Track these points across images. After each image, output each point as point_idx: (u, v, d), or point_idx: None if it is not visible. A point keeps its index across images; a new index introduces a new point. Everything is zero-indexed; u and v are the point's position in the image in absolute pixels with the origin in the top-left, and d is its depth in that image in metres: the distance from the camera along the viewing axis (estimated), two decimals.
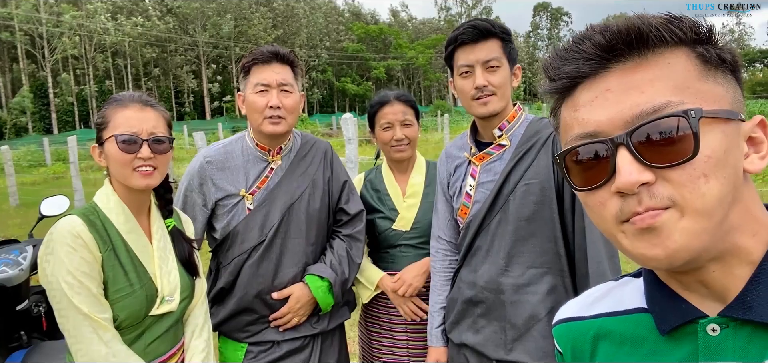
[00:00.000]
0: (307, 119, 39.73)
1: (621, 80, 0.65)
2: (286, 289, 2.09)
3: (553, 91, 0.73)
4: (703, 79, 0.64)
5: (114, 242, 1.61)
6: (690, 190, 0.61)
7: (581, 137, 0.68)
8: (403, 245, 2.29)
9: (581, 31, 0.70)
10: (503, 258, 1.79)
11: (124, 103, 1.66)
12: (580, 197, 0.72)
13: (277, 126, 2.03)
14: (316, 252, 2.19)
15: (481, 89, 1.77)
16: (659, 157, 0.62)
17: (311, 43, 65.20)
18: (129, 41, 50.83)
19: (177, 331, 1.77)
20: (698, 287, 0.68)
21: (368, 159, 11.82)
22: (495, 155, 1.87)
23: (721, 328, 0.66)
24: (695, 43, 0.65)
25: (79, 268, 1.50)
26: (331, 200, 2.24)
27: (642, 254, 0.65)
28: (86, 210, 1.62)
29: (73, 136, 13.06)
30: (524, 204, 1.76)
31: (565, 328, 0.86)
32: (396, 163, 2.37)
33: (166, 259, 1.72)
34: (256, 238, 2.07)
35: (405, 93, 2.37)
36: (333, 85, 67.98)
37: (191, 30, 56.48)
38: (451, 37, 1.83)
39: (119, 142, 1.60)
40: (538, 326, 1.74)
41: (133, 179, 1.62)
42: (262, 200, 2.09)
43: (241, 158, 2.12)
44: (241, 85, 2.13)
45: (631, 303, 0.78)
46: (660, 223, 0.62)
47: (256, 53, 2.08)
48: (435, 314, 2.06)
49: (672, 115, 0.61)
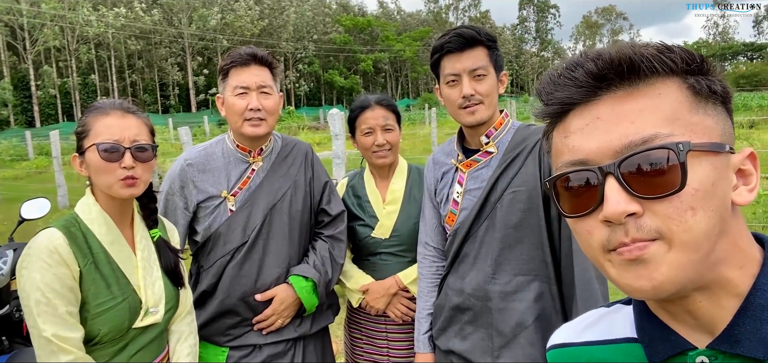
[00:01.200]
0: (294, 112, 39.48)
1: (612, 109, 0.65)
2: (269, 290, 2.08)
3: (546, 115, 0.73)
4: (693, 110, 0.65)
5: (95, 254, 1.57)
6: (677, 223, 0.61)
7: (571, 164, 0.69)
8: (383, 253, 2.27)
9: (575, 58, 0.70)
10: (490, 265, 1.79)
11: (105, 110, 1.62)
12: (569, 223, 0.72)
13: (257, 128, 2.04)
14: (299, 253, 2.19)
15: (468, 98, 1.76)
16: (647, 188, 0.62)
17: (298, 35, 64.81)
18: (112, 33, 50.11)
19: (161, 342, 1.74)
20: (686, 318, 0.69)
21: (356, 154, 11.79)
22: (482, 162, 1.86)
23: (709, 361, 0.66)
24: (687, 73, 0.66)
25: (49, 286, 1.46)
26: (313, 201, 2.25)
27: (628, 285, 0.65)
28: (67, 222, 1.58)
29: (56, 130, 12.88)
30: (511, 211, 1.76)
31: (558, 354, 0.86)
32: (377, 168, 2.34)
33: (150, 269, 1.69)
34: (238, 238, 2.07)
35: (386, 97, 2.34)
36: (320, 77, 67.72)
37: (176, 21, 55.84)
38: (437, 46, 1.82)
39: (101, 150, 1.57)
40: (524, 333, 1.74)
41: (116, 189, 1.59)
42: (245, 201, 2.10)
43: (222, 160, 2.13)
44: (219, 87, 2.14)
45: (621, 332, 0.78)
46: (648, 255, 0.62)
47: (234, 56, 2.08)
48: (422, 320, 2.05)
49: (660, 148, 0.62)
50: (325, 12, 73.47)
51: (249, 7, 57.66)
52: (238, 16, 56.15)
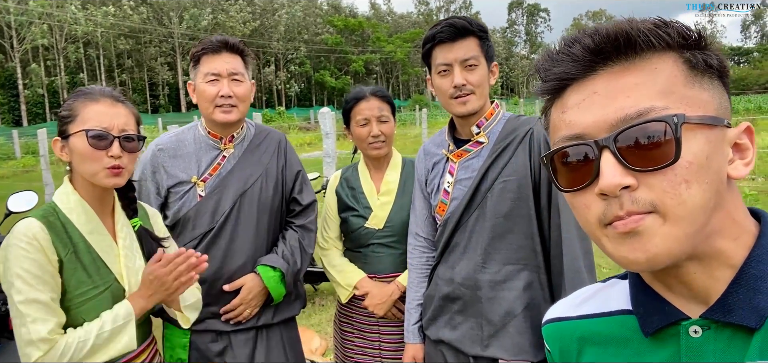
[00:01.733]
0: (284, 113, 39.43)
1: (608, 83, 0.66)
2: (237, 280, 2.09)
3: (544, 92, 0.74)
4: (689, 84, 0.65)
5: (75, 243, 1.55)
6: (671, 195, 0.62)
7: (567, 139, 0.69)
8: (375, 244, 2.27)
9: (572, 34, 0.70)
10: (480, 254, 1.80)
11: (94, 96, 1.60)
12: (566, 198, 0.73)
13: (228, 115, 2.07)
14: (267, 241, 2.20)
15: (459, 88, 1.77)
16: (642, 161, 0.63)
17: (289, 35, 64.64)
18: (101, 32, 49.70)
19: (145, 329, 1.73)
20: (681, 289, 0.70)
21: (346, 153, 11.78)
22: (473, 152, 1.87)
23: (702, 330, 0.67)
24: (683, 48, 0.66)
25: (30, 272, 1.45)
26: (285, 189, 2.27)
27: (624, 257, 0.65)
28: (45, 211, 1.55)
29: (43, 129, 12.74)
30: (502, 201, 1.77)
31: (553, 328, 0.87)
32: (372, 160, 2.34)
33: (132, 257, 1.67)
34: (206, 224, 2.09)
35: (381, 89, 2.35)
36: (311, 78, 67.60)
37: (167, 21, 55.50)
38: (429, 35, 1.82)
39: (89, 137, 1.54)
40: (514, 322, 1.75)
41: (100, 177, 1.57)
42: (214, 187, 2.12)
43: (192, 146, 2.15)
44: (191, 74, 2.15)
45: (616, 305, 0.79)
46: (642, 227, 0.63)
47: (205, 43, 2.10)
48: (412, 311, 2.05)
49: (655, 121, 0.62)
50: (316, 13, 73.38)
51: (241, 7, 57.49)
52: (229, 17, 55.95)
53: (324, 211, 2.44)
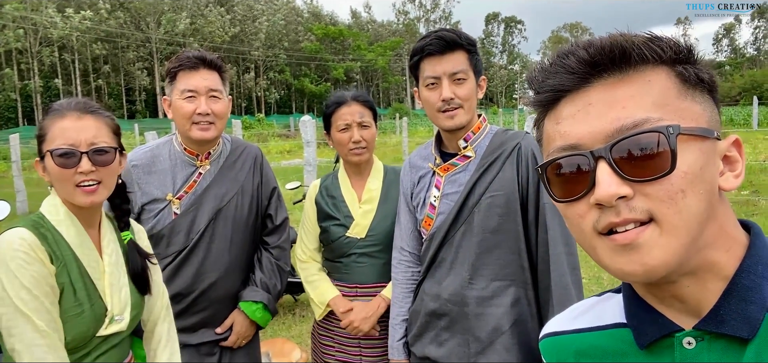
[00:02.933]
0: (264, 120, 39.17)
1: (603, 95, 0.67)
2: (226, 321, 2.19)
3: (537, 104, 0.74)
4: (681, 97, 0.66)
5: (65, 258, 1.48)
6: (668, 205, 0.63)
7: (562, 149, 0.70)
8: (357, 254, 2.22)
9: (565, 47, 0.71)
10: (467, 270, 1.78)
11: (61, 112, 1.51)
12: (559, 209, 0.73)
13: (206, 132, 2.05)
14: (240, 257, 2.21)
15: (448, 101, 1.75)
16: (638, 171, 0.63)
17: (270, 42, 64.35)
18: (77, 35, 48.82)
19: (123, 348, 1.67)
20: (674, 302, 0.70)
21: (327, 161, 11.73)
22: (460, 166, 1.85)
23: (696, 342, 0.68)
24: (675, 62, 0.67)
25: (33, 282, 1.38)
26: (260, 207, 2.28)
27: (620, 269, 0.66)
28: (35, 222, 1.48)
29: (16, 134, 12.45)
30: (489, 216, 1.75)
31: (550, 343, 0.88)
32: (353, 166, 2.29)
33: (117, 275, 1.61)
34: (181, 242, 2.08)
35: (363, 93, 2.29)
36: (291, 85, 67.33)
37: (144, 26, 54.80)
38: (417, 47, 1.80)
39: (55, 156, 1.46)
40: (501, 339, 1.73)
41: (75, 197, 1.49)
42: (190, 205, 2.10)
43: (168, 162, 2.12)
44: (167, 90, 2.11)
45: (611, 318, 0.80)
46: (641, 240, 0.64)
47: (182, 59, 2.07)
48: (396, 327, 2.02)
49: (651, 131, 0.63)
50: (297, 20, 73.21)
51: (220, 13, 57.07)
52: (208, 22, 55.49)
53: (302, 221, 2.39)
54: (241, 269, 2.24)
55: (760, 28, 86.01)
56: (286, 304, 5.56)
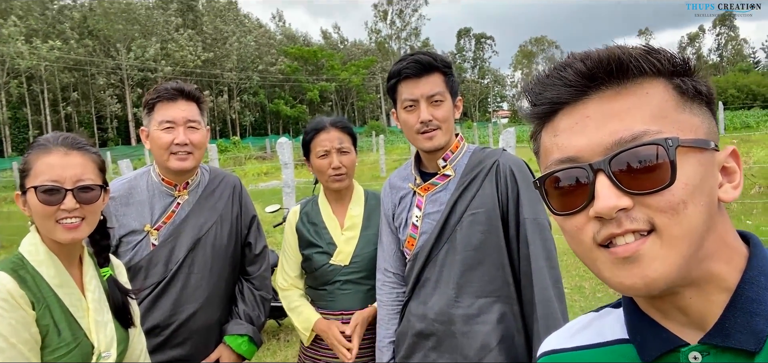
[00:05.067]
0: (239, 142, 38.87)
1: (600, 107, 0.67)
2: (213, 353, 2.18)
3: (535, 116, 0.74)
4: (680, 109, 0.66)
5: (47, 299, 1.45)
6: (669, 216, 0.63)
7: (560, 162, 0.69)
8: (341, 281, 2.20)
9: (563, 59, 0.71)
10: (453, 288, 1.78)
11: (47, 147, 1.49)
12: (557, 222, 0.73)
13: (184, 162, 2.05)
14: (219, 287, 2.20)
15: (426, 123, 1.78)
16: (637, 184, 0.63)
17: (242, 65, 64.11)
18: (45, 65, 47.94)
19: None
20: (677, 314, 0.69)
21: (306, 182, 11.68)
22: (440, 185, 1.87)
23: (702, 356, 0.67)
24: (673, 74, 0.67)
25: (11, 330, 1.34)
26: (240, 236, 2.28)
27: (620, 283, 0.65)
28: (13, 264, 1.44)
29: None
30: (472, 233, 1.77)
31: (549, 361, 0.86)
32: (333, 193, 2.28)
33: (101, 311, 1.57)
34: (160, 273, 2.06)
35: (342, 119, 2.29)
36: (266, 107, 67.05)
37: (114, 52, 54.10)
38: (394, 71, 1.83)
39: (39, 192, 1.44)
40: (489, 356, 1.74)
41: (56, 233, 1.47)
42: (168, 235, 2.09)
43: (146, 193, 2.12)
44: (144, 121, 2.12)
45: (612, 334, 0.79)
46: (643, 251, 0.63)
47: (160, 90, 2.08)
48: (384, 349, 2.01)
49: (650, 143, 0.63)
50: (269, 43, 73.15)
51: (190, 37, 56.70)
52: (180, 46, 55.07)
53: (283, 248, 2.36)
54: (220, 299, 2.22)
55: (722, 35, 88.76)
56: (270, 329, 5.50)
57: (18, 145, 47.59)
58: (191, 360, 2.14)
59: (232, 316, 2.26)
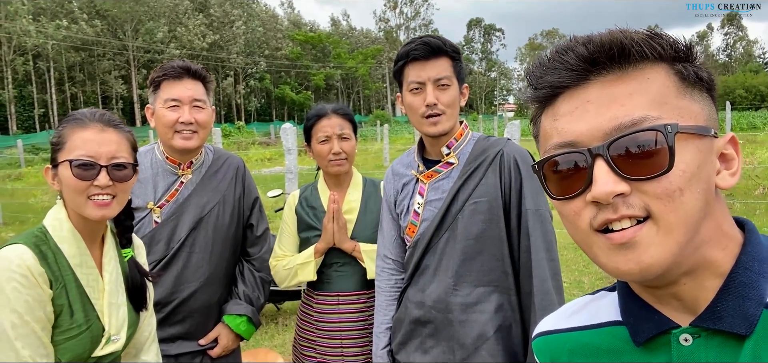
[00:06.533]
0: (244, 127, 38.91)
1: (601, 92, 0.66)
2: (210, 333, 2.20)
3: (535, 100, 0.74)
4: (680, 95, 0.66)
5: (65, 278, 1.44)
6: (665, 203, 0.63)
7: (560, 146, 0.69)
8: (338, 263, 2.23)
9: (565, 42, 0.70)
10: (451, 276, 1.78)
11: (83, 122, 1.48)
12: (555, 206, 0.73)
13: (188, 141, 2.06)
14: (220, 267, 2.21)
15: (431, 107, 1.76)
16: (635, 169, 0.63)
17: (249, 50, 64.02)
18: (52, 44, 47.96)
19: None
20: (670, 299, 0.70)
21: (309, 169, 11.68)
22: (443, 173, 1.86)
23: (693, 338, 0.68)
24: (674, 60, 0.67)
25: (26, 308, 1.34)
26: (242, 218, 2.29)
27: (616, 268, 0.66)
28: (36, 239, 1.43)
29: None
30: (473, 222, 1.76)
31: (544, 342, 0.87)
32: (333, 177, 2.31)
33: (116, 294, 1.56)
34: (161, 251, 2.07)
35: (343, 106, 2.33)
36: (271, 93, 67.01)
37: (121, 34, 54.07)
38: (402, 52, 1.81)
39: (74, 167, 1.43)
40: (486, 345, 1.74)
41: (87, 209, 1.46)
42: (171, 214, 2.11)
43: (149, 171, 2.13)
44: (150, 99, 2.13)
45: (606, 316, 0.80)
46: (639, 238, 0.64)
47: (166, 68, 2.08)
48: (380, 335, 2.01)
49: (649, 129, 0.63)
50: (276, 28, 72.99)
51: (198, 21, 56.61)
52: (187, 30, 55.01)
53: (281, 229, 2.38)
54: (220, 279, 2.23)
55: (731, 35, 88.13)
56: (268, 313, 5.52)
57: (23, 123, 47.72)
58: (190, 338, 2.16)
59: (231, 296, 2.28)
